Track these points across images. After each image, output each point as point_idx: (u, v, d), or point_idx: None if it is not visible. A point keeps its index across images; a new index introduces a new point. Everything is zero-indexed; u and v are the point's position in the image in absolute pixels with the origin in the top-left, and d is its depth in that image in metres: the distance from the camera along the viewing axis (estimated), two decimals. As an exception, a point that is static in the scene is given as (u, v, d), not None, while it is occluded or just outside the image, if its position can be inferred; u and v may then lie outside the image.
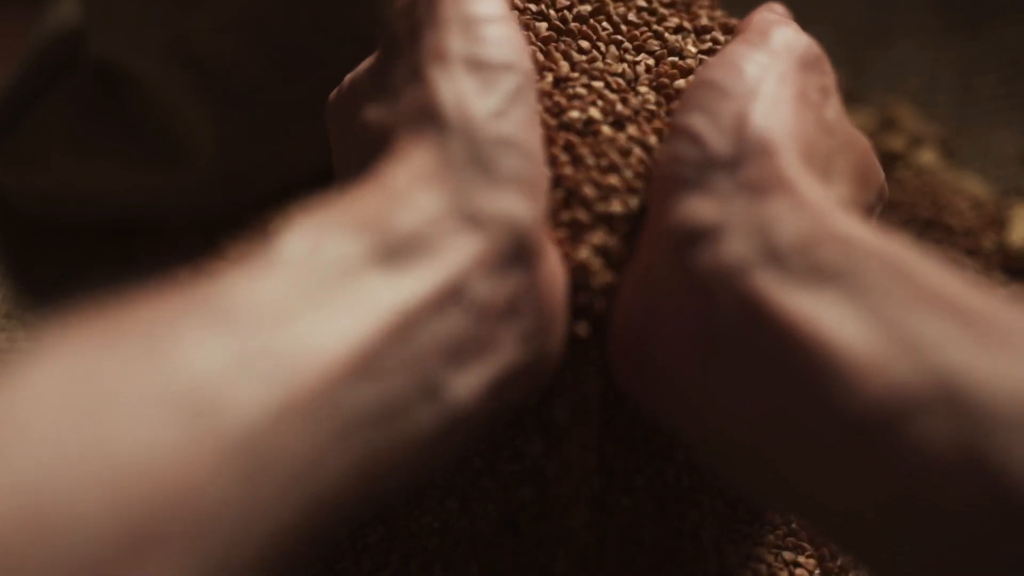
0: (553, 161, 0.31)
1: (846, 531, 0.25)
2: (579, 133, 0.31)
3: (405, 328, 0.24)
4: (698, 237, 0.27)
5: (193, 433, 0.21)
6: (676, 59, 0.34)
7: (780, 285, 0.25)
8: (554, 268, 0.28)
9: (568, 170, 0.30)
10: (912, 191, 0.52)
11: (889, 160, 0.53)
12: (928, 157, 0.54)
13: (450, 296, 0.25)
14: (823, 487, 0.25)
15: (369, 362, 0.23)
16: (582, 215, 0.30)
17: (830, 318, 0.25)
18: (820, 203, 0.27)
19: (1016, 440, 0.22)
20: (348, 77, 0.33)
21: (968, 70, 0.59)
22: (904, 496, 0.23)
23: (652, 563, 0.33)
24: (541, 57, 0.33)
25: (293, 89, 0.49)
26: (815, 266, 0.25)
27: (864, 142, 0.32)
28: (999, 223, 0.51)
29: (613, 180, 0.30)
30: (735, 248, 0.26)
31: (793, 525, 0.36)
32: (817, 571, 0.35)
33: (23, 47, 0.55)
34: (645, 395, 0.30)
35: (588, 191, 0.30)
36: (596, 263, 0.29)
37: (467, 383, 0.25)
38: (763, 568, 0.34)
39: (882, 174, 0.33)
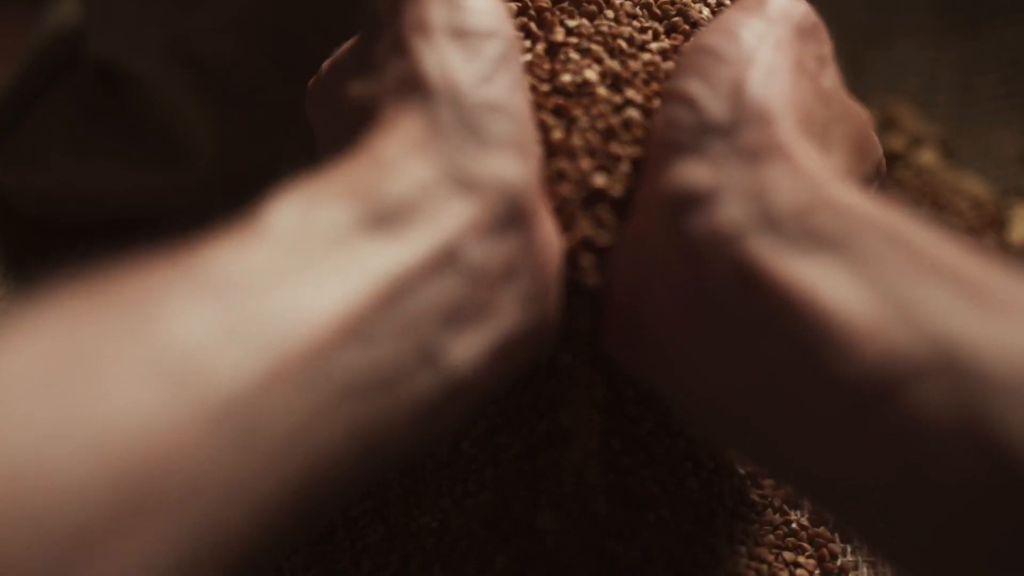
0: (543, 127, 0.30)
1: (841, 499, 0.25)
2: (572, 96, 0.30)
3: (398, 293, 0.24)
4: (693, 202, 0.27)
5: (179, 400, 0.21)
6: (688, 26, 0.33)
7: (776, 251, 0.25)
8: (549, 231, 0.28)
9: (558, 134, 0.30)
10: (912, 191, 0.52)
11: (889, 160, 0.53)
12: (928, 157, 0.54)
13: (444, 260, 0.25)
14: (819, 454, 0.24)
15: (361, 327, 0.23)
16: (575, 182, 0.29)
17: (826, 284, 0.24)
18: (817, 171, 0.27)
19: (1016, 407, 0.21)
20: (327, 62, 0.33)
21: (968, 70, 0.59)
22: (902, 463, 0.23)
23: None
24: (535, 27, 0.32)
25: (293, 89, 0.49)
26: (811, 232, 0.25)
27: (861, 114, 0.32)
28: (999, 223, 0.51)
29: (613, 147, 0.30)
30: (730, 213, 0.26)
31: (793, 525, 0.36)
32: (817, 571, 0.35)
33: (23, 47, 0.55)
34: (638, 364, 0.29)
35: (583, 159, 0.30)
36: (590, 230, 0.29)
37: (466, 348, 0.25)
38: (763, 568, 0.34)
39: (879, 148, 0.32)
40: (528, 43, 0.32)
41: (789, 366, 0.24)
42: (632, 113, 0.30)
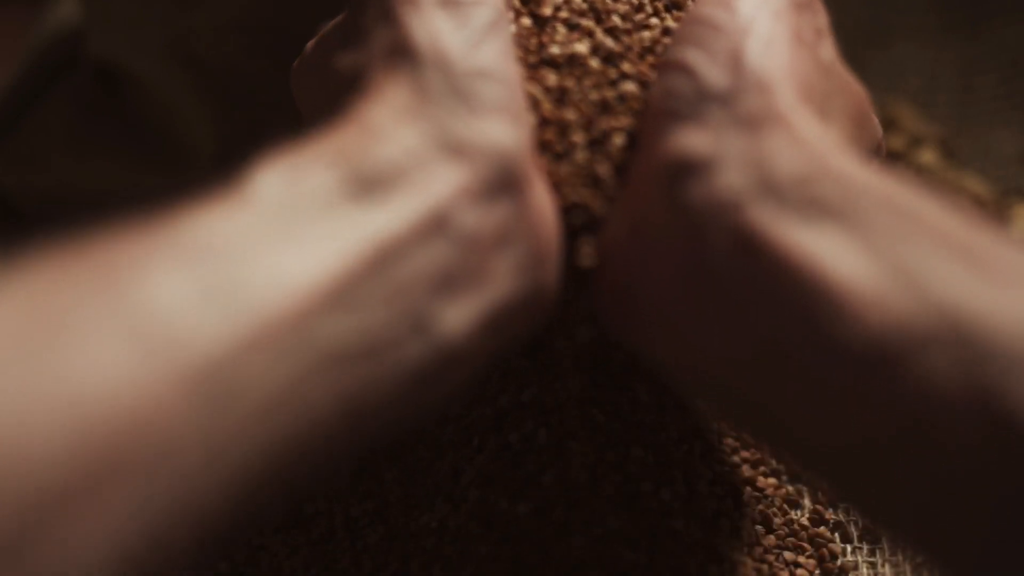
0: (534, 102, 0.29)
1: (839, 465, 0.25)
2: (562, 69, 0.30)
3: (385, 259, 0.24)
4: (691, 169, 0.26)
5: (152, 364, 0.20)
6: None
7: (776, 219, 0.25)
8: (544, 197, 0.28)
9: (548, 107, 0.29)
10: (912, 191, 0.52)
11: (889, 160, 0.53)
12: (928, 157, 0.54)
13: (434, 226, 0.25)
14: (821, 422, 0.24)
15: (346, 294, 0.23)
16: (567, 156, 0.29)
17: (829, 253, 0.24)
18: (818, 140, 0.26)
19: (1023, 376, 0.21)
20: (312, 41, 0.32)
21: (968, 70, 0.59)
22: (905, 432, 0.22)
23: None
24: (518, 2, 0.31)
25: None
26: (813, 201, 0.25)
27: (860, 89, 0.32)
28: (999, 223, 0.51)
29: (608, 122, 0.29)
30: (730, 181, 0.26)
31: (794, 525, 0.36)
32: (817, 571, 0.35)
33: (23, 47, 0.55)
34: (632, 334, 0.29)
35: (576, 133, 0.29)
36: (585, 197, 0.29)
37: (459, 316, 0.25)
38: (763, 568, 0.34)
39: (879, 127, 0.32)
40: (515, 17, 0.31)
41: (792, 335, 0.24)
42: (628, 87, 0.30)
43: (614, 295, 0.29)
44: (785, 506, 0.37)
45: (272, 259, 0.23)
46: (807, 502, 0.38)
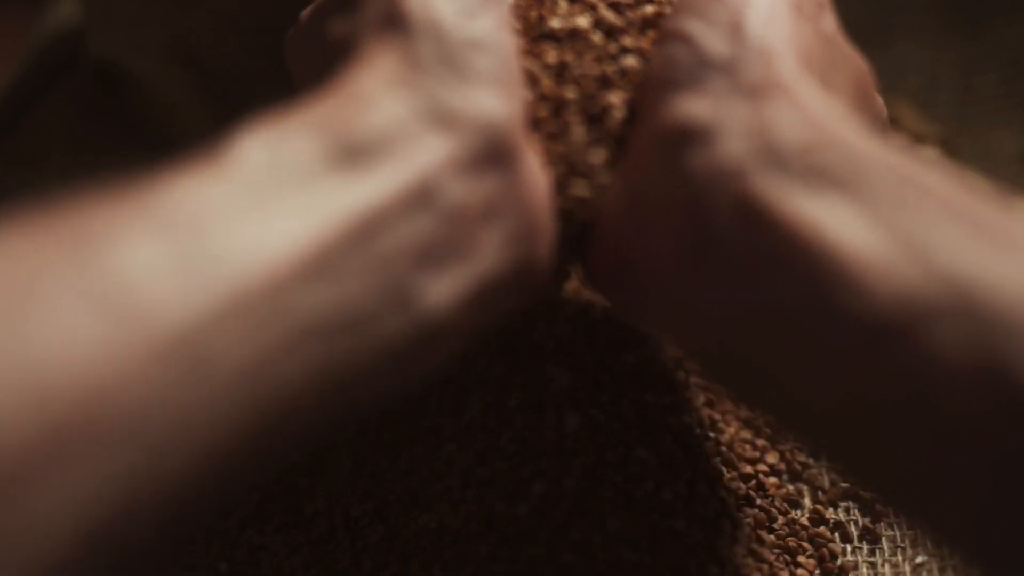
0: (532, 78, 0.29)
1: (840, 433, 0.24)
2: (563, 43, 0.29)
3: (367, 230, 0.23)
4: (692, 137, 0.26)
5: (121, 332, 0.20)
6: None
7: (780, 188, 0.24)
8: (535, 170, 0.27)
9: (547, 83, 0.29)
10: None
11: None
12: (928, 156, 0.54)
13: (419, 197, 0.24)
14: (824, 393, 0.24)
15: (325, 265, 0.22)
16: (566, 131, 0.28)
17: (834, 222, 0.24)
18: (821, 109, 0.26)
19: None
20: (306, 11, 0.32)
21: (968, 70, 0.59)
22: (910, 402, 0.22)
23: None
24: None
25: (293, 89, 0.49)
26: (817, 170, 0.24)
27: (862, 63, 0.31)
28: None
29: (608, 97, 0.29)
30: (732, 149, 0.25)
31: (794, 525, 0.36)
32: (817, 571, 0.35)
33: (23, 47, 0.55)
34: (630, 304, 0.29)
35: (575, 109, 0.29)
36: (583, 169, 0.28)
37: (443, 290, 0.24)
38: (764, 568, 0.34)
39: (882, 102, 0.32)
40: None
41: (797, 306, 0.24)
42: (629, 61, 0.29)
43: (613, 265, 0.28)
44: (785, 506, 0.37)
45: (249, 228, 0.22)
46: (807, 502, 0.38)
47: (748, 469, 0.37)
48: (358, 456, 0.40)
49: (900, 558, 0.36)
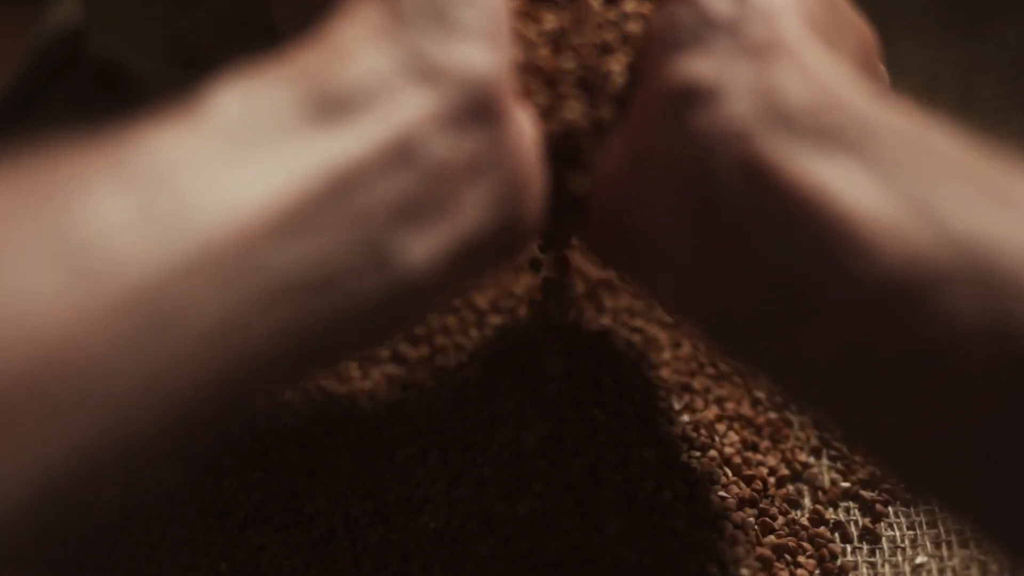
0: (528, 44, 0.28)
1: (838, 392, 0.24)
2: (561, 8, 0.29)
3: (343, 185, 0.23)
4: (695, 98, 0.25)
5: (83, 284, 0.19)
6: None
7: (787, 150, 0.24)
8: (523, 128, 0.27)
9: (544, 52, 0.28)
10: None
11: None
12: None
13: (399, 153, 0.24)
14: (828, 356, 0.24)
15: (299, 220, 0.22)
16: (563, 95, 0.27)
17: (843, 184, 0.23)
18: (827, 70, 0.25)
19: None
20: None
21: (968, 70, 0.59)
22: (920, 365, 0.22)
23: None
24: None
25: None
26: (823, 131, 0.24)
27: (866, 28, 0.31)
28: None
29: (611, 64, 0.28)
30: (737, 110, 0.25)
31: (794, 525, 0.36)
32: (817, 571, 0.35)
33: (23, 47, 0.55)
34: (631, 268, 0.28)
35: (572, 79, 0.28)
36: (579, 124, 0.27)
37: (423, 249, 0.24)
38: (764, 568, 0.34)
39: (884, 69, 0.31)
40: None
41: (804, 269, 0.23)
42: (632, 27, 0.29)
43: (613, 227, 0.28)
44: (785, 506, 0.37)
45: (221, 181, 0.21)
46: (807, 502, 0.38)
47: (748, 470, 0.37)
48: (358, 456, 0.40)
49: (900, 558, 0.36)
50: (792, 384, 0.27)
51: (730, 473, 0.36)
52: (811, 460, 0.39)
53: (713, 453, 0.37)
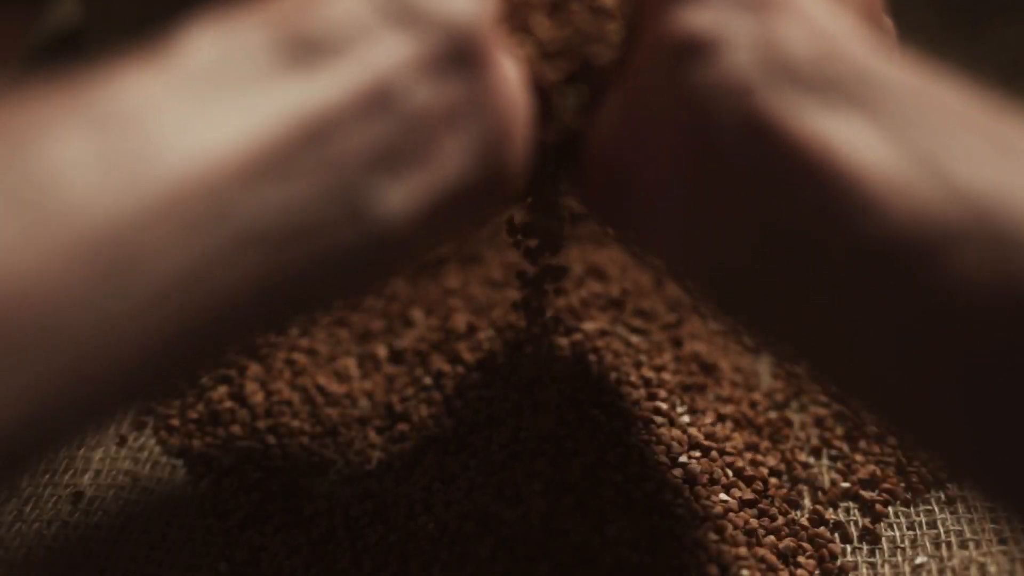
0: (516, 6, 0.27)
1: (844, 354, 0.24)
2: None
3: (317, 131, 0.22)
4: (696, 51, 0.25)
5: (40, 228, 0.19)
6: None
7: (790, 104, 0.23)
8: (507, 75, 0.26)
9: (539, 17, 0.27)
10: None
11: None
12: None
13: (376, 99, 0.23)
14: (830, 314, 0.23)
15: (271, 166, 0.21)
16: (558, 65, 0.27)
17: (848, 139, 0.23)
18: (830, 22, 0.25)
19: None
20: None
21: (968, 70, 0.59)
22: (927, 325, 0.22)
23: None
24: None
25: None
26: (827, 84, 0.23)
27: None
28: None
29: (608, 24, 0.27)
30: (739, 63, 0.24)
31: (794, 525, 0.36)
32: (817, 571, 0.35)
33: (23, 47, 0.55)
34: (628, 225, 0.28)
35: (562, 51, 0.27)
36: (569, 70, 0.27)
37: (399, 199, 0.23)
38: (763, 568, 0.34)
39: (890, 22, 0.30)
40: None
41: (808, 226, 0.23)
42: None
43: (610, 182, 0.27)
44: (785, 506, 0.37)
45: (189, 126, 0.21)
46: (807, 502, 0.38)
47: (749, 470, 0.37)
48: (358, 456, 0.40)
49: (900, 559, 0.36)
50: (793, 343, 0.26)
51: (730, 473, 0.36)
52: (811, 460, 0.39)
53: (714, 454, 0.37)
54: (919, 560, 0.35)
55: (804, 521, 0.37)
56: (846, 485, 0.38)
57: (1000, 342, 0.21)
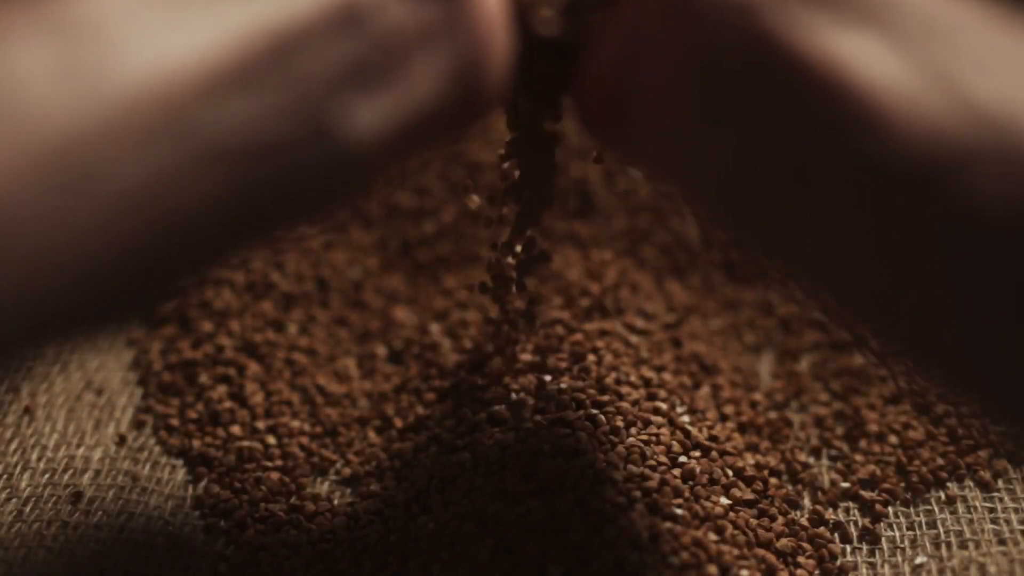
0: None
1: (854, 273, 0.23)
2: None
3: (284, 45, 0.21)
4: None
5: None
6: None
7: (799, 20, 0.23)
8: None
9: None
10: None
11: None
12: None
13: (346, 15, 0.22)
14: (842, 231, 0.22)
15: (234, 81, 0.21)
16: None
17: (859, 56, 0.22)
18: None
19: None
20: None
21: None
22: (941, 247, 0.21)
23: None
24: None
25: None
26: (838, 1, 0.23)
27: None
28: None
29: None
30: None
31: (794, 525, 0.36)
32: (817, 571, 0.35)
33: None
34: (627, 145, 0.27)
35: None
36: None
37: (367, 119, 0.23)
38: (763, 568, 0.34)
39: None
40: None
41: (818, 149, 0.22)
42: None
43: (612, 100, 0.27)
44: (785, 506, 0.37)
45: (151, 37, 0.20)
46: (807, 502, 0.38)
47: (749, 470, 0.37)
48: (357, 455, 0.40)
49: (900, 559, 0.36)
50: (801, 263, 0.25)
51: (730, 473, 0.36)
52: (811, 460, 0.39)
53: (713, 454, 0.37)
54: (919, 560, 0.35)
55: (804, 521, 0.37)
56: (846, 485, 0.38)
57: (1016, 260, 0.20)
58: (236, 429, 0.40)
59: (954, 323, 0.22)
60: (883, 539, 0.37)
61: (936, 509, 0.37)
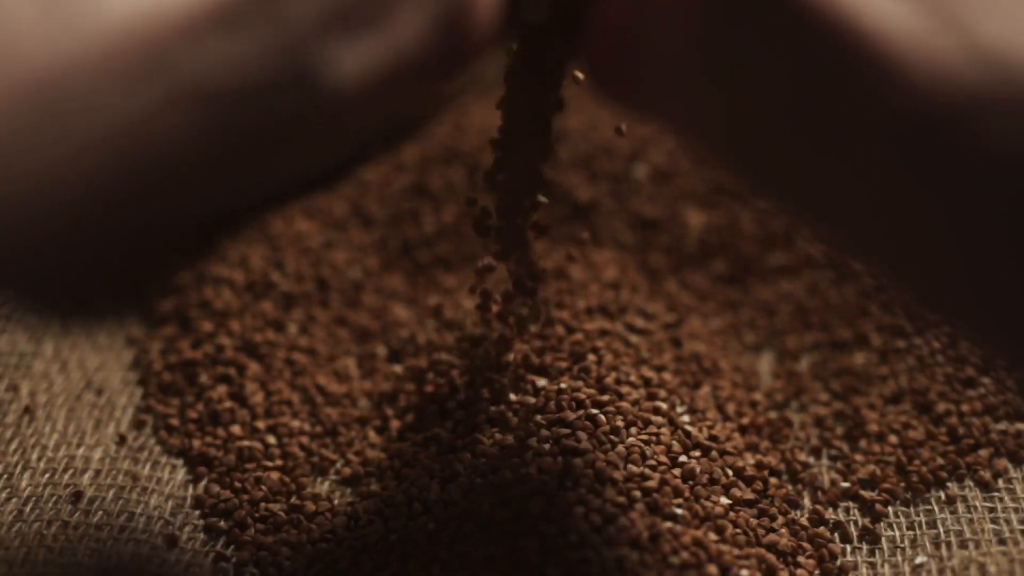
0: None
1: (864, 218, 0.23)
2: None
3: None
4: None
5: None
6: None
7: None
8: None
9: None
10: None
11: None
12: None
13: None
14: (851, 178, 0.22)
15: (214, 21, 0.20)
16: None
17: (870, 1, 0.21)
18: None
19: None
20: None
21: None
22: (956, 194, 0.21)
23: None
24: None
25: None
26: None
27: None
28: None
29: None
30: None
31: (794, 525, 0.36)
32: (817, 571, 0.35)
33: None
34: (635, 93, 0.27)
35: None
36: None
37: (351, 64, 0.22)
38: (763, 568, 0.34)
39: None
40: None
41: (827, 94, 0.22)
42: None
43: (620, 49, 0.26)
44: (785, 506, 0.37)
45: None
46: (807, 502, 0.38)
47: (749, 470, 0.37)
48: (357, 455, 0.40)
49: (900, 558, 0.36)
50: (811, 207, 0.25)
51: (730, 473, 0.36)
52: (811, 460, 0.39)
53: (713, 454, 0.37)
54: (919, 560, 0.35)
55: (804, 521, 0.37)
56: (846, 485, 0.38)
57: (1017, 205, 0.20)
58: (236, 429, 0.40)
59: (962, 264, 0.21)
60: (883, 539, 0.37)
61: (936, 509, 0.37)
